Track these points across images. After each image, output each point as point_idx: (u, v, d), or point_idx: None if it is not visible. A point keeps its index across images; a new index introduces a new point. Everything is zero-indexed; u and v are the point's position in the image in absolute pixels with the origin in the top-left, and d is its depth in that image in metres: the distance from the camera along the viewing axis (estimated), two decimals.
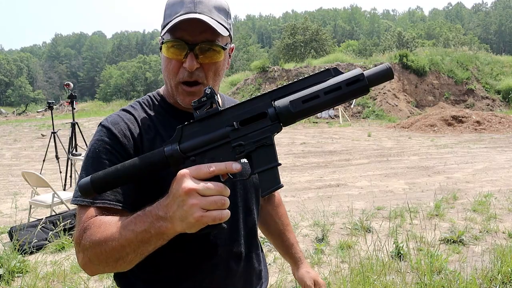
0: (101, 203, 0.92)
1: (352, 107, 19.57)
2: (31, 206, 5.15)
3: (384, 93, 19.69)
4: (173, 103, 1.09)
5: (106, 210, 0.92)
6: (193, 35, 0.95)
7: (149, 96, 1.13)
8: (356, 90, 0.82)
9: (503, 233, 4.48)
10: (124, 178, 0.85)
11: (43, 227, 4.41)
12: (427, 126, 15.14)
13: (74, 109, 7.41)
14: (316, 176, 7.87)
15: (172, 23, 0.94)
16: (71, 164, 7.05)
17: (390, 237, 4.23)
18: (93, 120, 20.75)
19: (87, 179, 0.86)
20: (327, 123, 17.84)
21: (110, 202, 0.93)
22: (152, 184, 0.96)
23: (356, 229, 4.61)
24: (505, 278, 3.19)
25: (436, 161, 9.04)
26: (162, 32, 0.99)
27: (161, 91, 1.13)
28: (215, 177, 0.79)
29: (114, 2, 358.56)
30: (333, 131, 15.44)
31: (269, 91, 0.85)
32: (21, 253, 3.97)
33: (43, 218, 4.59)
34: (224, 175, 0.83)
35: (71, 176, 7.10)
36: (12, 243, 4.11)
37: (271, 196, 1.41)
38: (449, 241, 4.20)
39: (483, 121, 15.00)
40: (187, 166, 0.79)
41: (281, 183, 0.83)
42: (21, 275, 3.62)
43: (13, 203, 5.71)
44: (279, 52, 45.67)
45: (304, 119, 0.79)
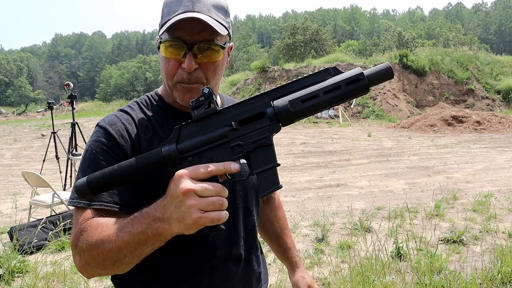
0: (98, 204, 0.91)
1: (352, 107, 19.57)
2: (31, 206, 5.15)
3: (384, 93, 19.68)
4: (171, 103, 1.07)
5: (103, 212, 0.91)
6: (192, 34, 0.94)
7: (147, 96, 1.11)
8: (356, 89, 0.81)
9: (503, 233, 4.48)
10: (120, 179, 0.83)
11: (43, 227, 4.41)
12: (427, 126, 15.14)
13: (74, 109, 7.41)
14: (316, 176, 7.87)
15: (170, 22, 0.93)
16: (71, 164, 7.05)
17: (390, 237, 4.23)
18: (93, 120, 20.73)
19: (83, 179, 0.85)
20: (327, 123, 17.84)
21: (107, 203, 0.92)
22: (149, 185, 0.95)
23: (356, 229, 4.61)
24: (505, 278, 3.19)
25: (436, 161, 9.04)
26: (160, 31, 0.97)
27: (160, 91, 1.12)
28: (213, 177, 0.78)
29: (114, 2, 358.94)
30: (333, 131, 15.44)
31: (267, 91, 0.84)
32: (21, 253, 3.97)
33: (43, 218, 4.59)
34: (222, 175, 0.81)
35: (71, 176, 7.09)
36: (12, 243, 4.11)
37: (270, 198, 1.40)
38: (449, 241, 4.20)
39: (483, 121, 15.00)
40: (185, 167, 0.78)
41: (280, 184, 0.82)
42: (21, 275, 3.62)
43: (13, 203, 5.72)
44: (279, 52, 45.65)
45: (303, 119, 0.78)
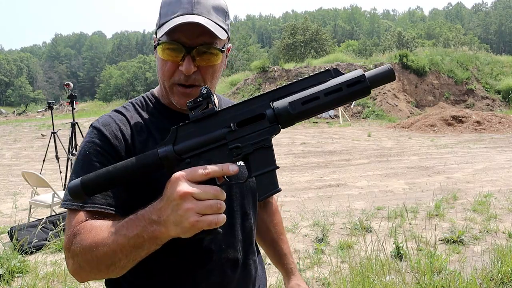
0: (91, 207, 0.89)
1: (352, 107, 19.57)
2: (31, 206, 5.15)
3: (384, 93, 19.69)
4: (167, 104, 1.06)
5: (96, 214, 0.89)
6: (191, 38, 0.92)
7: (142, 97, 1.09)
8: (357, 91, 0.80)
9: (503, 233, 4.49)
10: (115, 180, 0.81)
11: (43, 227, 4.41)
12: (427, 126, 15.14)
13: (74, 109, 7.39)
14: (316, 176, 7.87)
15: (169, 25, 0.91)
16: (71, 164, 7.05)
17: (390, 237, 4.23)
18: (93, 120, 20.70)
19: (77, 181, 0.82)
20: (327, 123, 17.84)
21: (100, 206, 0.90)
22: (145, 186, 0.93)
23: (356, 229, 4.61)
24: (505, 278, 3.19)
25: (436, 161, 9.04)
26: (158, 33, 0.95)
27: (155, 92, 1.10)
28: (211, 180, 0.77)
29: (114, 2, 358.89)
30: (333, 131, 15.44)
31: (267, 92, 0.83)
32: (21, 253, 3.97)
33: (43, 218, 4.59)
34: (220, 177, 0.80)
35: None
36: (12, 243, 4.11)
37: (267, 203, 1.38)
38: (449, 241, 4.21)
39: (483, 121, 15.01)
40: (182, 168, 0.77)
41: (279, 187, 0.80)
42: (21, 275, 3.62)
43: (13, 203, 5.71)
44: (279, 52, 45.66)
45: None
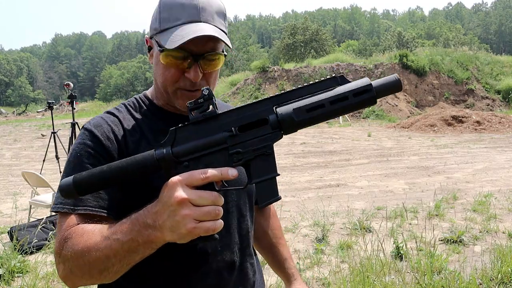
0: (83, 209, 0.86)
1: None
2: (31, 206, 5.15)
3: None
4: (161, 105, 1.04)
5: (88, 217, 0.86)
6: (198, 45, 0.90)
7: (135, 98, 1.08)
8: (364, 101, 0.77)
9: (503, 233, 4.49)
10: (109, 180, 0.78)
11: (43, 227, 4.41)
12: (427, 126, 15.14)
13: (74, 109, 7.39)
14: (316, 176, 7.87)
15: (182, 36, 0.88)
16: None
17: (390, 237, 4.23)
18: None
19: (69, 179, 0.79)
20: (327, 123, 17.83)
21: (92, 208, 0.87)
22: (139, 187, 0.91)
23: (356, 229, 4.61)
24: (505, 278, 3.19)
25: (436, 161, 9.04)
26: (163, 40, 0.91)
27: (148, 94, 1.09)
28: (208, 184, 0.74)
29: (114, 2, 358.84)
30: (333, 131, 15.44)
31: (270, 96, 0.81)
32: (21, 253, 3.97)
33: (43, 218, 4.60)
34: (218, 182, 0.78)
35: None
36: (12, 243, 4.11)
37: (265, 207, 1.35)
38: (449, 241, 4.21)
39: (483, 121, 15.00)
40: (180, 171, 0.75)
41: (279, 195, 0.79)
42: (21, 275, 3.62)
43: (13, 203, 5.71)
44: (279, 52, 45.68)
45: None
